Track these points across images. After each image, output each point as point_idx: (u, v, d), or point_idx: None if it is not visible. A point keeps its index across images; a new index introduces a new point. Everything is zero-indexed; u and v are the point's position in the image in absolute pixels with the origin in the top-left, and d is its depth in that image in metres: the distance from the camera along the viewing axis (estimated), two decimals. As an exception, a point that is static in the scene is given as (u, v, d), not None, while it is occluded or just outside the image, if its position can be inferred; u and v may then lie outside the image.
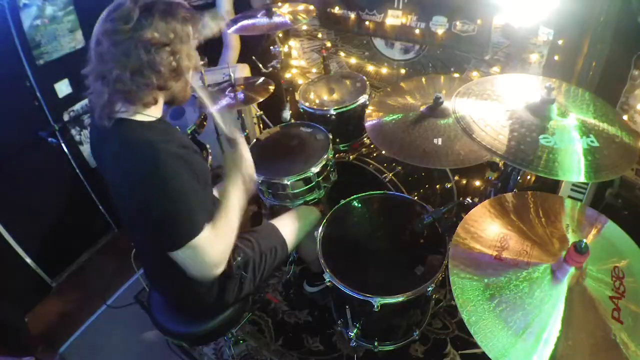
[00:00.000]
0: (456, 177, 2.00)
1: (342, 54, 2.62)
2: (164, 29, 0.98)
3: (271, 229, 1.53)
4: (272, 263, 1.46)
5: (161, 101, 1.13)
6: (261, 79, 2.04)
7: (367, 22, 2.34)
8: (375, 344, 1.54)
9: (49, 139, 2.01)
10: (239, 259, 1.33)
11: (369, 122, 1.64)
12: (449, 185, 1.95)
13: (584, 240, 0.90)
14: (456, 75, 2.17)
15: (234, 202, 1.15)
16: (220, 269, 1.08)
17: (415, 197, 1.65)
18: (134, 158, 1.00)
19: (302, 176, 1.66)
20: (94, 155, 1.21)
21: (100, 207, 2.47)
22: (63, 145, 2.12)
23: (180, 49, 1.02)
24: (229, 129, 1.29)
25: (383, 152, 1.79)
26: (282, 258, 1.51)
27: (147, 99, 1.04)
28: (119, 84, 0.99)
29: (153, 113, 1.10)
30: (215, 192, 1.62)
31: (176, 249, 1.01)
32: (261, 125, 2.55)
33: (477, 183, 2.06)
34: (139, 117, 1.07)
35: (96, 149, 1.19)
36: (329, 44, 2.63)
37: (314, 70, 2.82)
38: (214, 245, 1.05)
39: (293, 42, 2.81)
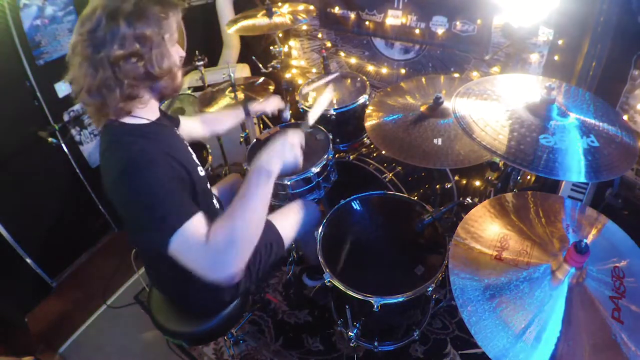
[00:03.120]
0: (456, 177, 2.00)
1: (342, 54, 2.62)
2: (130, 38, 0.95)
3: (267, 225, 1.51)
4: (267, 259, 1.44)
5: (152, 103, 1.12)
6: (261, 79, 2.04)
7: (367, 22, 2.34)
8: (375, 344, 1.54)
9: (49, 139, 2.01)
10: None
11: (369, 122, 1.64)
12: (449, 185, 1.95)
13: (584, 240, 0.90)
14: (456, 75, 2.17)
15: (253, 193, 0.99)
16: (228, 267, 0.91)
17: (415, 197, 1.65)
18: (114, 155, 0.99)
19: (302, 176, 1.66)
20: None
21: (100, 207, 2.47)
22: (63, 145, 2.13)
23: (149, 55, 0.99)
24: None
25: (383, 152, 1.79)
26: (278, 253, 1.48)
27: (117, 110, 1.02)
28: (88, 95, 0.99)
29: (146, 115, 1.10)
30: (214, 190, 1.62)
31: (167, 243, 0.91)
32: (261, 125, 2.55)
33: (477, 183, 2.06)
34: (128, 120, 1.06)
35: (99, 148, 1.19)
36: (329, 44, 2.63)
37: (314, 70, 2.83)
38: (210, 236, 0.92)
39: (293, 42, 2.81)
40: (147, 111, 1.11)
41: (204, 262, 0.91)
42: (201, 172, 1.24)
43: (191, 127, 1.56)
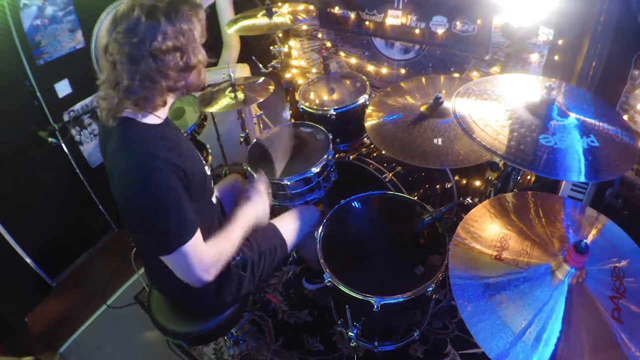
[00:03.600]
0: (456, 177, 2.00)
1: (342, 54, 2.62)
2: (171, 33, 1.00)
3: (271, 229, 1.53)
4: (271, 263, 1.46)
5: (170, 102, 1.16)
6: (261, 79, 2.04)
7: (367, 22, 2.34)
8: (375, 344, 1.54)
9: (49, 139, 2.00)
10: (237, 258, 1.34)
11: (368, 122, 1.64)
12: (449, 185, 1.95)
13: (584, 240, 0.90)
14: (456, 75, 2.17)
15: (238, 231, 1.24)
16: (206, 279, 1.12)
17: (415, 197, 1.65)
18: (129, 162, 1.04)
19: (302, 176, 1.66)
20: (100, 150, 1.23)
21: (100, 207, 2.47)
22: (63, 145, 2.12)
23: (187, 47, 1.05)
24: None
25: (383, 152, 1.79)
26: (281, 258, 1.51)
27: (157, 102, 1.08)
28: (129, 91, 1.02)
29: (159, 114, 1.12)
30: (215, 191, 1.62)
31: (165, 254, 1.05)
32: (261, 125, 2.55)
33: (477, 183, 2.06)
34: (143, 118, 1.09)
35: (102, 143, 1.21)
36: (329, 44, 2.63)
37: (314, 70, 2.82)
38: (202, 255, 1.09)
39: (293, 42, 2.81)
40: (160, 111, 1.13)
41: (192, 276, 1.10)
42: (208, 170, 1.29)
43: None
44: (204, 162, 1.29)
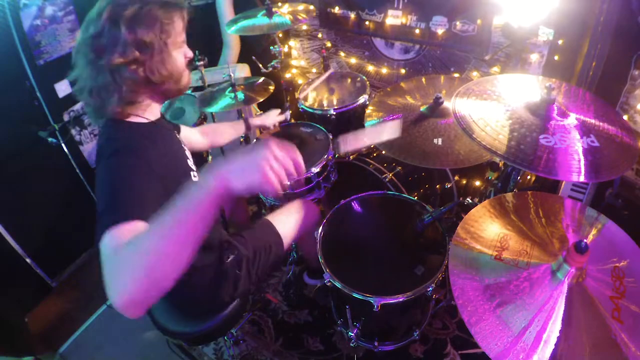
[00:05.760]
0: (456, 177, 2.00)
1: (342, 54, 2.62)
2: (131, 44, 0.94)
3: (266, 225, 1.50)
4: (267, 260, 1.43)
5: (153, 105, 1.12)
6: (261, 79, 2.04)
7: (367, 22, 2.34)
8: (375, 344, 1.54)
9: (49, 139, 2.00)
10: (232, 257, 1.33)
11: (368, 122, 1.64)
12: (449, 185, 1.95)
13: (584, 240, 0.90)
14: (456, 75, 2.17)
15: (186, 206, 0.72)
16: (126, 290, 0.67)
17: (415, 197, 1.65)
18: (103, 149, 0.99)
19: (302, 176, 1.66)
20: None
21: (100, 207, 2.47)
22: (63, 145, 2.12)
23: (150, 61, 0.98)
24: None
25: (383, 152, 1.79)
26: (278, 254, 1.47)
27: (114, 112, 1.02)
28: (90, 96, 1.01)
29: (146, 115, 1.09)
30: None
31: (98, 242, 0.77)
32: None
33: (477, 183, 2.06)
34: (130, 118, 1.06)
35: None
36: (329, 44, 2.63)
37: (314, 70, 2.82)
38: (115, 259, 0.72)
39: (293, 42, 2.81)
40: (147, 111, 1.10)
41: (106, 274, 0.69)
42: (194, 177, 1.21)
43: (191, 136, 1.56)
44: (193, 168, 1.24)
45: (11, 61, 1.89)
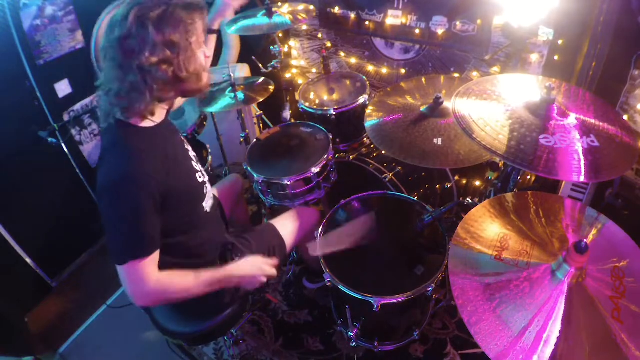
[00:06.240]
0: (456, 177, 2.00)
1: (342, 54, 2.62)
2: (160, 45, 0.98)
3: (270, 229, 1.53)
4: None
5: (164, 106, 1.15)
6: (261, 79, 2.04)
7: (367, 22, 2.34)
8: (375, 344, 1.54)
9: (49, 139, 2.00)
10: (236, 259, 1.33)
11: (368, 122, 1.64)
12: (449, 185, 1.95)
13: (584, 240, 0.90)
14: (456, 75, 2.17)
15: (198, 281, 1.14)
16: (140, 303, 1.09)
17: (415, 197, 1.65)
18: (110, 162, 1.05)
19: (302, 176, 1.66)
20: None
21: (101, 207, 2.47)
22: (63, 145, 2.12)
23: (177, 60, 1.02)
24: None
25: (383, 152, 1.79)
26: (280, 258, 1.49)
27: (143, 111, 1.05)
28: (117, 98, 1.02)
29: (154, 118, 1.11)
30: (214, 191, 1.62)
31: (115, 263, 1.05)
32: (261, 125, 2.55)
33: (477, 183, 2.06)
34: (137, 122, 1.08)
35: (102, 138, 1.21)
36: (329, 44, 2.63)
37: (314, 70, 2.82)
38: (147, 279, 1.04)
39: (293, 42, 2.81)
40: (158, 112, 1.12)
41: (130, 293, 1.06)
42: (199, 178, 1.26)
43: None
44: (198, 168, 1.27)
45: (11, 61, 1.89)
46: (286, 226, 1.55)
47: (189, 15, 1.02)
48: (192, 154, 1.30)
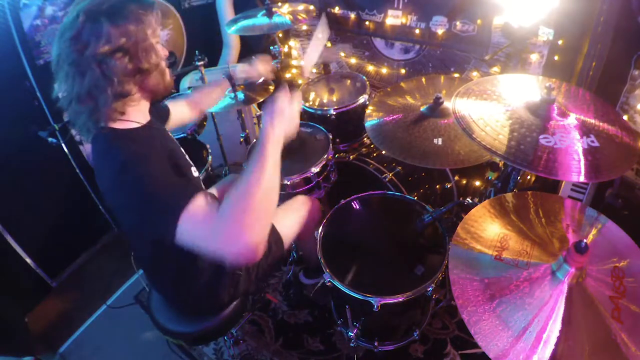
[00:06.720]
0: (456, 177, 2.00)
1: (342, 54, 2.62)
2: (114, 34, 0.94)
3: None
4: (266, 259, 1.43)
5: (142, 104, 1.11)
6: (261, 79, 2.04)
7: (367, 22, 2.34)
8: (375, 344, 1.54)
9: (49, 139, 2.00)
10: None
11: (368, 122, 1.64)
12: (449, 185, 1.95)
13: (584, 240, 0.90)
14: (456, 75, 2.17)
15: (258, 166, 0.93)
16: (238, 239, 0.85)
17: (415, 197, 1.65)
18: (104, 167, 1.00)
19: (302, 176, 1.66)
20: None
21: (100, 207, 2.47)
22: (63, 145, 2.12)
23: (135, 49, 0.98)
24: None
25: (383, 152, 1.79)
26: (278, 254, 1.46)
27: (113, 112, 1.01)
28: (81, 103, 0.99)
29: (136, 118, 1.08)
30: (214, 191, 1.62)
31: (174, 230, 0.87)
32: (261, 125, 2.55)
33: (477, 183, 2.06)
34: (118, 125, 1.04)
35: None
36: (329, 44, 2.63)
37: (313, 70, 2.82)
38: (214, 212, 0.89)
39: (293, 42, 2.81)
40: (137, 114, 1.09)
41: (217, 236, 0.85)
42: (194, 172, 1.24)
43: (180, 112, 1.53)
44: (192, 165, 1.25)
45: (11, 61, 1.89)
46: (282, 219, 1.51)
47: (140, 7, 1.00)
48: (183, 151, 1.28)
